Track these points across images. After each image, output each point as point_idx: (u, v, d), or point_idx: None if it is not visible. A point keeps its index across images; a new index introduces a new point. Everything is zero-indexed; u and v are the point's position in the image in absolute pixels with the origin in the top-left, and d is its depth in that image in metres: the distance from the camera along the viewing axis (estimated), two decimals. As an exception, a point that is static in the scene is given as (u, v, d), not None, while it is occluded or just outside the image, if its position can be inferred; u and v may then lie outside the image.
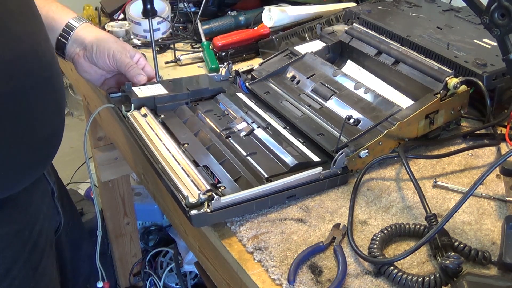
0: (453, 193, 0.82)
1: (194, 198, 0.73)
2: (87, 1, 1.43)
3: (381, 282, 0.67)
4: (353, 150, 0.83)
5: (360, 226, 0.76)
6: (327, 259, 0.71)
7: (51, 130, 0.83)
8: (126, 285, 2.01)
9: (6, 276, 0.84)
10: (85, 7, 1.43)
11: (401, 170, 0.87)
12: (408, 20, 1.15)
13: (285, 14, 1.30)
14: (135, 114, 0.95)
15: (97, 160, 1.66)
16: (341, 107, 0.94)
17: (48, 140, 0.83)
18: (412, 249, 0.67)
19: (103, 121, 1.38)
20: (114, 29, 1.25)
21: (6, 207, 0.83)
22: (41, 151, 0.82)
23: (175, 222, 1.01)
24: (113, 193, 1.79)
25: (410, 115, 0.86)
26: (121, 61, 0.97)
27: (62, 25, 0.97)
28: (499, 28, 0.68)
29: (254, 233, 0.74)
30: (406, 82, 0.96)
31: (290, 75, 1.05)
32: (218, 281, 0.85)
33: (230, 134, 0.91)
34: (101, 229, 1.04)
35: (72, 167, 2.30)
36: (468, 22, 1.14)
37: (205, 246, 0.86)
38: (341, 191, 0.83)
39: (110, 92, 1.01)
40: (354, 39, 1.07)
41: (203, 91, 1.03)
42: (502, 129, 0.95)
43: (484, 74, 0.92)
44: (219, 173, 0.81)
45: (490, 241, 0.73)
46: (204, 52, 1.23)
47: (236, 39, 1.25)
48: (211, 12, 1.37)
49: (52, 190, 0.98)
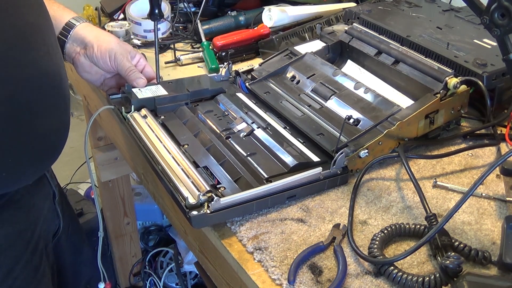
0: (453, 193, 0.82)
1: (194, 199, 0.74)
2: (87, 1, 1.43)
3: (381, 282, 0.67)
4: (353, 150, 0.83)
5: (360, 226, 0.76)
6: (327, 259, 0.71)
7: (55, 126, 0.83)
8: (126, 285, 2.01)
9: (8, 276, 0.84)
10: (85, 7, 1.43)
11: (401, 170, 0.87)
12: (408, 20, 1.15)
13: (285, 14, 1.30)
14: (135, 116, 0.95)
15: (97, 160, 1.66)
16: (341, 107, 0.94)
17: (52, 137, 0.83)
18: (412, 249, 0.67)
19: (103, 121, 1.38)
20: (114, 29, 1.25)
21: (9, 208, 0.84)
22: (44, 148, 0.83)
23: (175, 222, 1.01)
24: (113, 193, 1.79)
25: (410, 115, 0.86)
26: (122, 65, 0.97)
27: (62, 24, 0.96)
28: (499, 28, 0.68)
29: (254, 233, 0.74)
30: (406, 82, 0.96)
31: (290, 75, 1.05)
32: (218, 281, 0.85)
33: (230, 134, 0.91)
34: (102, 230, 1.04)
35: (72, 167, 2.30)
36: (468, 22, 1.14)
37: (205, 246, 0.86)
38: (341, 191, 0.83)
39: (110, 94, 1.01)
40: (354, 39, 1.07)
41: (203, 91, 1.03)
42: (502, 129, 0.95)
43: (484, 74, 0.92)
44: (219, 174, 0.81)
45: (490, 241, 0.73)
46: (204, 52, 1.23)
47: (236, 39, 1.25)
48: (211, 12, 1.37)
49: (54, 193, 0.98)
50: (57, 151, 0.86)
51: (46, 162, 0.87)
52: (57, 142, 0.85)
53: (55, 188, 0.99)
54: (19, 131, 0.76)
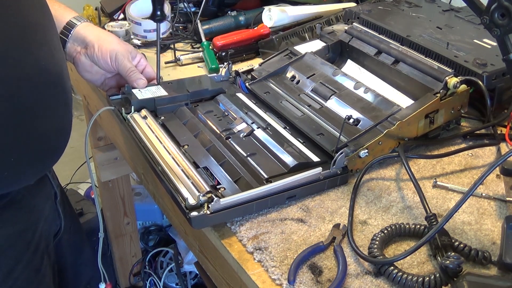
0: (453, 193, 0.82)
1: (194, 200, 0.73)
2: (87, 1, 1.43)
3: (381, 282, 0.67)
4: (353, 150, 0.83)
5: (360, 226, 0.76)
6: (327, 259, 0.71)
7: (57, 127, 0.83)
8: (126, 285, 2.01)
9: (8, 276, 0.84)
10: (85, 7, 1.43)
11: (401, 170, 0.87)
12: (408, 20, 1.15)
13: (285, 14, 1.30)
14: (135, 116, 0.95)
15: (97, 160, 1.66)
16: (341, 107, 0.94)
17: (53, 138, 0.83)
18: (412, 249, 0.67)
19: (103, 121, 1.38)
20: (114, 29, 1.25)
21: (10, 209, 0.83)
22: (45, 148, 0.82)
23: (175, 222, 1.01)
24: (113, 193, 1.79)
25: (410, 115, 0.86)
26: (123, 65, 0.97)
27: (63, 23, 0.96)
28: (499, 28, 0.68)
29: (254, 233, 0.74)
30: (406, 82, 0.96)
31: (290, 75, 1.05)
32: (218, 281, 0.85)
33: (230, 135, 0.91)
34: (102, 231, 1.04)
35: (72, 167, 2.30)
36: (468, 22, 1.14)
37: (205, 246, 0.86)
38: (341, 191, 0.83)
39: (111, 94, 1.01)
40: (354, 39, 1.07)
41: (203, 92, 1.03)
42: (502, 129, 0.95)
43: (484, 74, 0.92)
44: (219, 175, 0.81)
45: (490, 241, 0.73)
46: (204, 52, 1.23)
47: (236, 39, 1.25)
48: (211, 12, 1.37)
49: (55, 193, 0.98)
50: (59, 151, 0.86)
51: (47, 162, 0.86)
52: (58, 142, 0.85)
53: (57, 189, 0.99)
54: (20, 131, 0.76)
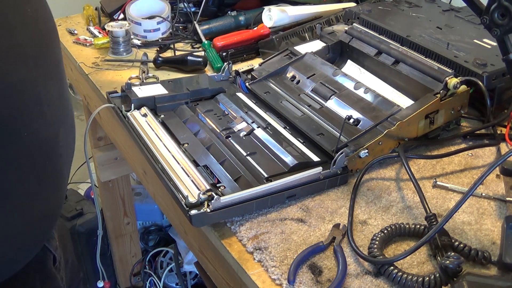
0: (453, 193, 0.82)
1: (194, 198, 0.74)
2: (87, 1, 1.44)
3: (381, 282, 0.67)
4: (353, 150, 0.83)
5: (360, 226, 0.76)
6: (327, 259, 0.71)
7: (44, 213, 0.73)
8: (126, 285, 2.00)
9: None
10: (85, 7, 1.43)
11: (401, 170, 0.87)
12: (408, 20, 1.15)
13: (285, 14, 1.30)
14: (135, 114, 0.95)
15: (97, 160, 1.66)
16: (341, 107, 0.94)
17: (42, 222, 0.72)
18: (412, 249, 0.67)
19: (103, 121, 1.37)
20: (114, 29, 1.25)
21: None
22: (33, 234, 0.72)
23: (175, 222, 1.01)
24: (113, 193, 1.79)
25: (410, 115, 0.86)
26: None
27: None
28: (499, 28, 0.68)
29: (254, 233, 0.74)
30: (406, 82, 0.96)
31: (290, 75, 1.05)
32: (218, 281, 0.85)
33: (230, 134, 0.91)
34: (101, 229, 1.04)
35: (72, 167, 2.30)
36: (468, 22, 1.14)
37: (205, 246, 0.86)
38: (341, 191, 0.83)
39: (110, 92, 1.01)
40: (354, 39, 1.07)
41: (203, 91, 1.03)
42: (502, 129, 0.95)
43: (484, 74, 0.92)
44: (219, 173, 0.81)
45: (490, 241, 0.73)
46: (207, 52, 1.23)
47: (236, 39, 1.25)
48: (211, 12, 1.37)
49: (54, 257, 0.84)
50: (45, 237, 0.77)
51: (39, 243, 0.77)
52: (46, 226, 0.76)
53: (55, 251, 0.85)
54: (5, 215, 0.66)
